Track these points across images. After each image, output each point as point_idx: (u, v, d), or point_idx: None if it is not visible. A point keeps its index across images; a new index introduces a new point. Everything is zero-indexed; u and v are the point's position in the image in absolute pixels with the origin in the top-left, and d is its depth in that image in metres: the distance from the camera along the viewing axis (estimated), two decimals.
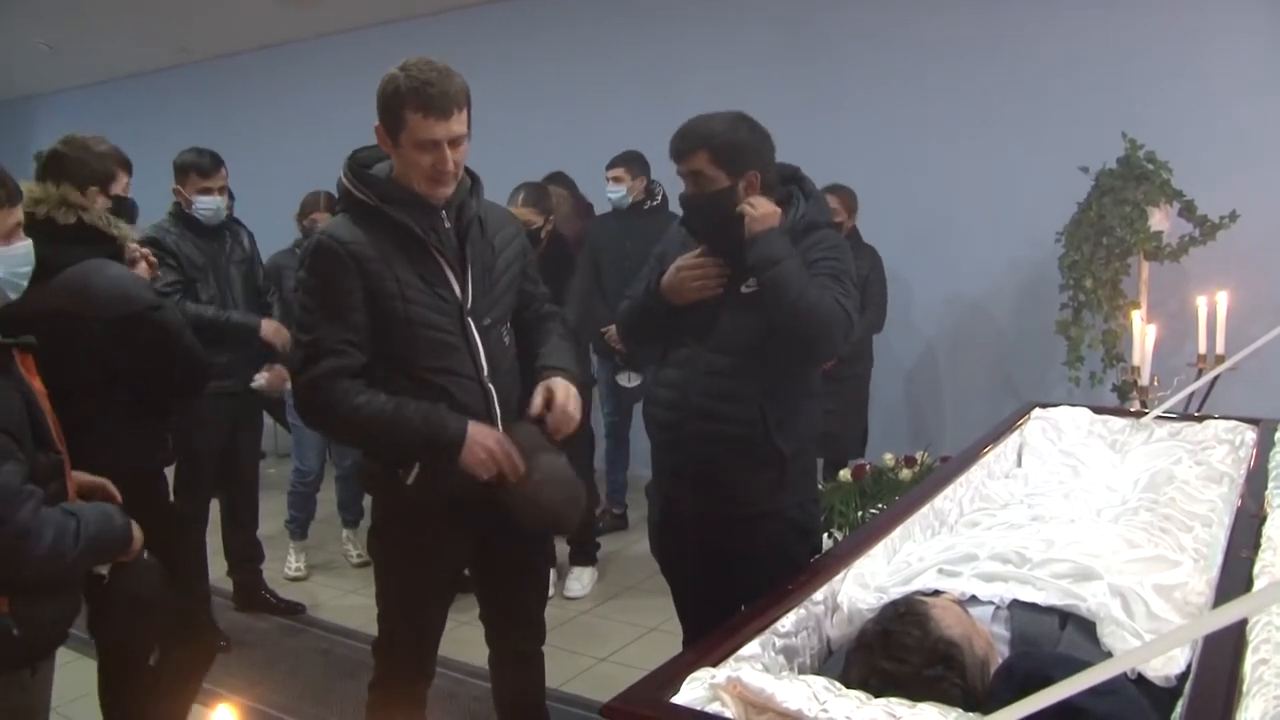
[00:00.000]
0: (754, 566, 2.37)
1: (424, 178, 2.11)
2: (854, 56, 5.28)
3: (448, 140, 2.07)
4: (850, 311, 2.28)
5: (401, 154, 2.10)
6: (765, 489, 2.39)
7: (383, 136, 2.11)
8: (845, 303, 2.28)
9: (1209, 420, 3.08)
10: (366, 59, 6.80)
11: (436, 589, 2.32)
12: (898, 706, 1.41)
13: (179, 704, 2.51)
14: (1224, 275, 3.79)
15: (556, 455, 2.19)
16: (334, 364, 2.08)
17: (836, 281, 2.30)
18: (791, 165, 2.51)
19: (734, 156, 2.31)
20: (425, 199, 2.14)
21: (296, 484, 4.57)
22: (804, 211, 2.41)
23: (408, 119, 2.05)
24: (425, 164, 2.09)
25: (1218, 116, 4.36)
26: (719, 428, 2.36)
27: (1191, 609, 1.92)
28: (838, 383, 4.39)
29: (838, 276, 2.32)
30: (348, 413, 2.09)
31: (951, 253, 5.01)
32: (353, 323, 2.10)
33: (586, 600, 4.23)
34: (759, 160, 2.35)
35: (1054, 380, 4.46)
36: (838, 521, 4.12)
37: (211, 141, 3.81)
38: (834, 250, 2.37)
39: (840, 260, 2.36)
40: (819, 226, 2.42)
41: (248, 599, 4.14)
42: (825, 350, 2.37)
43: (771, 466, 2.38)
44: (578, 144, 5.49)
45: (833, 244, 2.39)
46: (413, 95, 2.03)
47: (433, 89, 2.03)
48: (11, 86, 9.19)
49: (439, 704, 2.49)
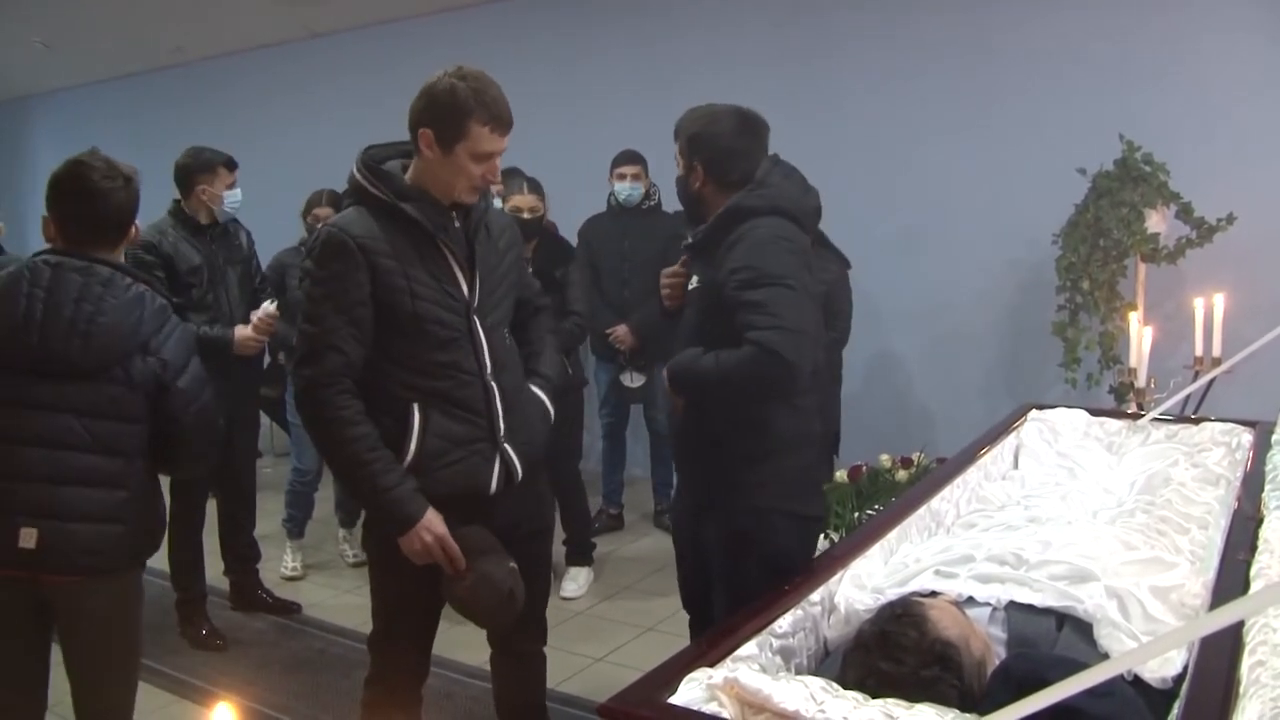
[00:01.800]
0: (709, 558, 2.47)
1: (468, 187, 2.16)
2: (852, 58, 5.28)
3: (499, 153, 2.14)
4: (771, 342, 2.20)
5: (452, 161, 2.12)
6: (716, 487, 2.42)
7: (430, 142, 2.11)
8: (764, 334, 2.20)
9: (1205, 422, 3.09)
10: (363, 59, 6.92)
11: (429, 585, 2.32)
12: (895, 707, 1.41)
13: None
14: (1221, 277, 3.79)
15: (501, 561, 2.20)
16: (336, 362, 2.09)
17: (753, 308, 2.24)
18: (772, 155, 2.52)
19: (690, 147, 2.45)
20: (437, 199, 2.17)
21: (295, 483, 4.57)
22: (737, 199, 2.38)
23: (472, 130, 2.08)
24: (476, 174, 2.14)
25: (1215, 118, 4.37)
26: (683, 422, 2.50)
27: (1188, 611, 1.92)
28: None
29: (754, 291, 2.25)
30: (331, 429, 2.12)
31: (948, 254, 5.01)
32: (357, 317, 2.10)
33: (583, 600, 4.22)
34: (714, 155, 2.42)
35: (1050, 382, 4.45)
36: (834, 523, 4.12)
37: (208, 141, 3.81)
38: (753, 252, 2.30)
39: (757, 264, 2.27)
40: (752, 214, 2.35)
41: (244, 599, 4.13)
42: (777, 387, 2.31)
43: (714, 464, 2.41)
44: (576, 144, 5.49)
45: (755, 242, 2.31)
46: (481, 109, 2.07)
47: (500, 104, 2.10)
48: (8, 86, 9.17)
49: (436, 704, 2.49)
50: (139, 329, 2.23)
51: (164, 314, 2.30)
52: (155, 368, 2.24)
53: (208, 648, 3.74)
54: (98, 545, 2.20)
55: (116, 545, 2.24)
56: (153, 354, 2.24)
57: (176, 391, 2.27)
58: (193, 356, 2.34)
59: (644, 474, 5.33)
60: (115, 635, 2.31)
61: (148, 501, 2.33)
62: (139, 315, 2.24)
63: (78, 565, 2.20)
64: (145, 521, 2.32)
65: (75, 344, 2.16)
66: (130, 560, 2.32)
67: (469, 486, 2.21)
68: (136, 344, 2.22)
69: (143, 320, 2.24)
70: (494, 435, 2.24)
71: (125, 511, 2.24)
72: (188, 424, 2.30)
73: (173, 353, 2.27)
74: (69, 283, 2.19)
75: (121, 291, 2.23)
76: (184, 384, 2.28)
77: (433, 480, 2.17)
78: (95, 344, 2.18)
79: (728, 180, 2.42)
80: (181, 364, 2.29)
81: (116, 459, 2.23)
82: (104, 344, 2.19)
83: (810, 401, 2.47)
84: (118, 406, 2.22)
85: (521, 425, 2.30)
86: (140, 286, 2.28)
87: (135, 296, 2.25)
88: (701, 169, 2.44)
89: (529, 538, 2.40)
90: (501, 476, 2.25)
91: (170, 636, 3.72)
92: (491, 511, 2.26)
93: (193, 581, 3.82)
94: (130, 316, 2.22)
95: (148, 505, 2.33)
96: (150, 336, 2.25)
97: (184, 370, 2.29)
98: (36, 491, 2.17)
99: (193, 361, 2.33)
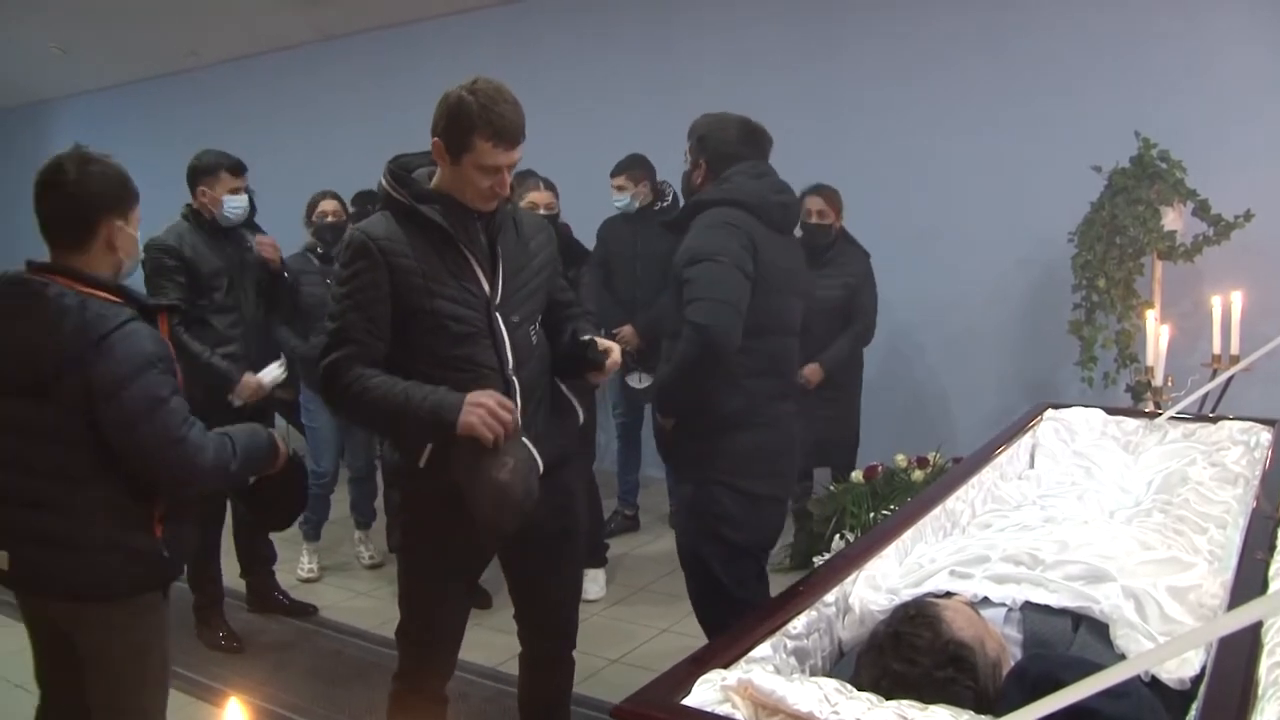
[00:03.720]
0: None
1: (478, 196, 2.20)
2: (865, 56, 5.27)
3: (508, 166, 2.17)
4: (694, 314, 2.56)
5: (460, 171, 2.17)
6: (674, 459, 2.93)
7: (441, 151, 2.18)
8: (690, 308, 2.57)
9: (1223, 421, 3.06)
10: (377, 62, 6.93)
11: (455, 580, 2.35)
12: (909, 709, 1.40)
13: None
14: (1238, 275, 3.77)
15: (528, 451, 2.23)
16: (353, 350, 2.17)
17: (688, 285, 2.60)
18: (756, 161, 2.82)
19: (699, 146, 2.79)
20: (460, 202, 2.22)
21: (311, 485, 4.56)
22: (699, 195, 2.76)
23: (476, 144, 2.12)
24: (484, 186, 2.17)
25: (1232, 115, 4.34)
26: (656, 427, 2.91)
27: (1205, 611, 1.90)
28: (834, 390, 4.43)
29: (690, 268, 2.61)
30: (359, 392, 2.16)
31: (963, 252, 4.99)
32: (376, 314, 2.18)
33: (598, 601, 4.22)
34: (716, 156, 2.75)
35: (1067, 381, 4.43)
36: (849, 523, 4.12)
37: (222, 145, 3.81)
38: (696, 236, 2.66)
39: (695, 246, 2.63)
40: (710, 205, 2.70)
41: (260, 600, 4.15)
42: (710, 354, 2.58)
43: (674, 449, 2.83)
44: (587, 147, 5.49)
45: (700, 228, 2.67)
46: (486, 124, 2.11)
47: (506, 120, 2.12)
48: (26, 91, 9.25)
49: (451, 704, 2.50)
50: (62, 344, 2.00)
51: (99, 325, 2.02)
52: (79, 385, 2.00)
53: (225, 650, 3.76)
54: (64, 572, 2.07)
55: (87, 573, 2.06)
56: (81, 370, 2.00)
57: (111, 410, 2.01)
58: (144, 373, 2.03)
59: (659, 474, 5.32)
60: (117, 666, 2.16)
61: (122, 530, 2.09)
62: (63, 329, 2.00)
63: (54, 589, 2.10)
64: (121, 554, 2.09)
65: (5, 362, 2.05)
66: (122, 590, 2.11)
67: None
68: (64, 363, 2.00)
69: (63, 334, 2.00)
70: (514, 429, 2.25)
71: (84, 540, 2.05)
72: (141, 447, 2.05)
73: (106, 368, 2.00)
74: (6, 297, 2.07)
75: (48, 304, 2.02)
76: (125, 401, 2.01)
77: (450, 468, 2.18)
78: (17, 362, 2.04)
79: (719, 173, 2.76)
80: (115, 380, 2.01)
81: (61, 483, 2.05)
82: (27, 362, 2.03)
83: (764, 385, 2.71)
84: (55, 428, 2.04)
85: (544, 420, 2.33)
86: (77, 296, 2.03)
87: (58, 310, 2.01)
88: (705, 166, 2.76)
89: (557, 536, 2.41)
90: None
91: (187, 639, 3.73)
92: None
93: (209, 584, 3.84)
94: (55, 332, 2.01)
95: (123, 534, 2.09)
96: (81, 351, 2.00)
97: (119, 388, 2.01)
98: (5, 512, 2.11)
99: (143, 378, 2.03)
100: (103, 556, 2.07)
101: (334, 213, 4.46)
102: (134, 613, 2.14)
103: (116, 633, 2.14)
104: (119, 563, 2.09)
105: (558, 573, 2.47)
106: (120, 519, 2.09)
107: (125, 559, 2.10)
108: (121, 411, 2.02)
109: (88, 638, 2.16)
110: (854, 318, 4.44)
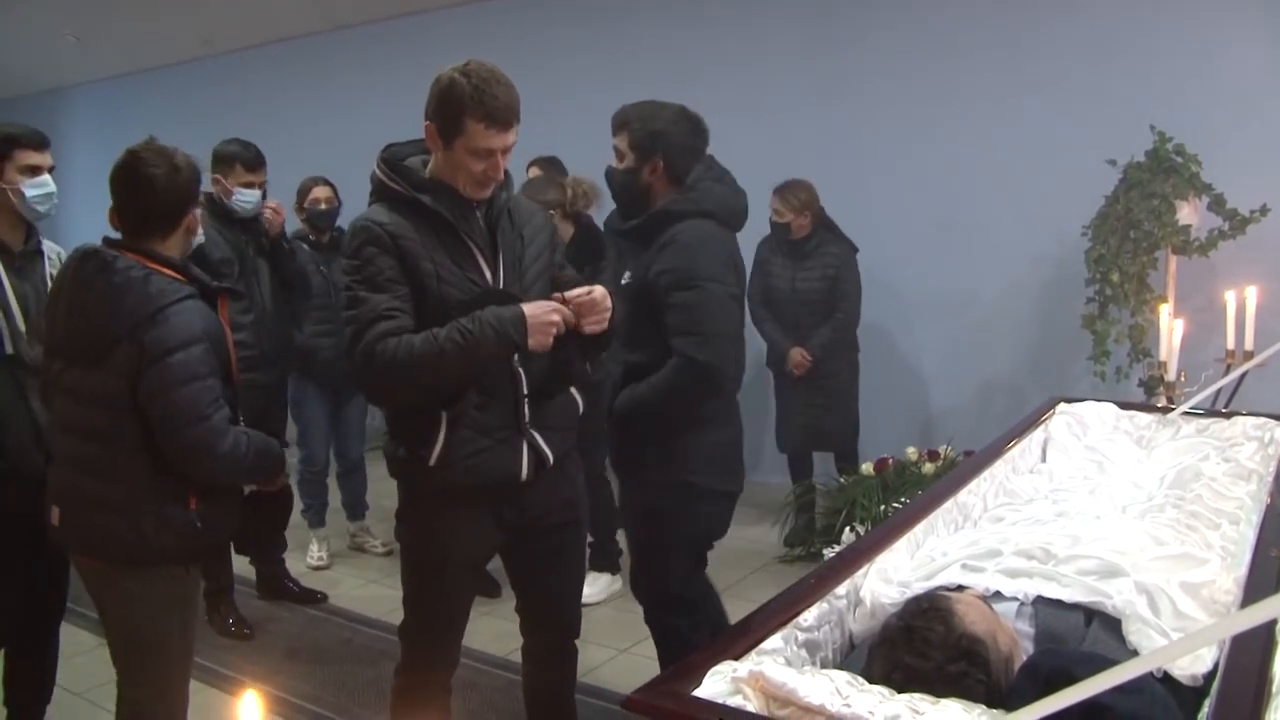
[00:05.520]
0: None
1: (472, 181, 2.15)
2: (878, 51, 5.24)
3: (501, 150, 2.12)
4: (691, 349, 2.50)
5: (452, 156, 2.13)
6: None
7: (433, 136, 2.14)
8: (686, 343, 2.50)
9: (1237, 416, 3.04)
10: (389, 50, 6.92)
11: (460, 574, 2.33)
12: (920, 702, 1.40)
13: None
14: (1253, 270, 3.74)
15: None
16: (384, 328, 2.09)
17: (678, 311, 2.51)
18: (708, 157, 2.73)
19: (651, 142, 2.59)
20: (456, 190, 2.17)
21: (305, 471, 4.56)
22: (666, 203, 2.60)
23: (468, 126, 2.08)
24: (477, 170, 2.13)
25: (1247, 108, 4.31)
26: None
27: (1219, 607, 1.89)
28: (822, 379, 4.50)
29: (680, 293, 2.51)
30: (406, 358, 2.07)
31: (977, 246, 4.98)
32: (398, 293, 2.12)
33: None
34: (673, 153, 2.61)
35: (1079, 375, 4.42)
36: (860, 515, 4.11)
37: (235, 133, 3.81)
38: (680, 255, 2.54)
39: (683, 267, 2.52)
40: (682, 217, 2.58)
41: (270, 588, 4.17)
42: (705, 388, 2.57)
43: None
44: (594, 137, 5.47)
45: (683, 245, 2.54)
46: (477, 105, 2.06)
47: (498, 101, 2.07)
48: (41, 79, 9.28)
49: (458, 692, 2.50)
50: (123, 312, 2.12)
51: (160, 298, 2.13)
52: (135, 352, 2.11)
53: (235, 636, 3.79)
54: (100, 534, 2.19)
55: (119, 537, 2.16)
56: (137, 337, 2.11)
57: (152, 373, 2.10)
58: (190, 346, 2.13)
59: None
60: (134, 630, 2.26)
61: (159, 499, 2.18)
62: (127, 299, 2.12)
63: (91, 550, 2.24)
64: (154, 520, 2.17)
65: (72, 328, 2.18)
66: (148, 557, 2.19)
67: (501, 475, 2.22)
68: (123, 329, 2.11)
69: (126, 304, 2.12)
70: (519, 421, 2.24)
71: (124, 504, 2.16)
72: (167, 416, 2.12)
73: (157, 334, 2.10)
74: (80, 269, 2.19)
75: (115, 275, 2.14)
76: (164, 368, 2.10)
77: (464, 471, 2.18)
78: (82, 329, 2.16)
79: (678, 176, 2.62)
80: (163, 347, 2.11)
81: (108, 448, 2.17)
82: (89, 328, 2.15)
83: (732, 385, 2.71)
84: (108, 394, 2.14)
85: (550, 411, 2.30)
86: (144, 270, 2.15)
87: (124, 281, 2.13)
88: (662, 164, 2.61)
89: (560, 528, 2.40)
90: (532, 463, 2.26)
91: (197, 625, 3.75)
92: (524, 499, 2.28)
93: (220, 571, 3.85)
94: (118, 301, 2.12)
95: (159, 503, 2.18)
96: (140, 320, 2.11)
97: (167, 354, 2.10)
98: (58, 473, 2.26)
99: (187, 351, 2.12)
100: (137, 522, 2.17)
101: (326, 200, 4.42)
102: (155, 582, 2.23)
103: (137, 600, 2.23)
104: (151, 529, 2.17)
105: (559, 565, 2.45)
106: (159, 489, 2.18)
107: (156, 526, 2.18)
108: (159, 376, 2.11)
109: (110, 601, 2.27)
110: (837, 306, 4.51)
